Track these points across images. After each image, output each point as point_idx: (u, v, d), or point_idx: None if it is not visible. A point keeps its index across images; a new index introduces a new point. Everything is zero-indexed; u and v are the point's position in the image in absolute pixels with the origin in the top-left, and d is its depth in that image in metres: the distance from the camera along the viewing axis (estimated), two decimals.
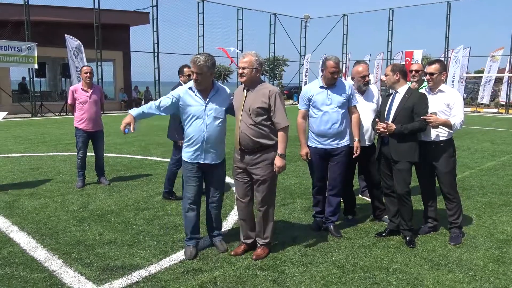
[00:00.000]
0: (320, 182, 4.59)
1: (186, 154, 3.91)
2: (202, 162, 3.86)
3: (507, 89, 24.62)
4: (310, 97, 4.41)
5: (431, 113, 4.12)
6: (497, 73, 25.50)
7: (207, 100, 3.81)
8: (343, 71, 29.76)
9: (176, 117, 5.06)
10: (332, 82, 4.36)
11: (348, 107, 4.45)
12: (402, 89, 4.26)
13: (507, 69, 25.04)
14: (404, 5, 30.78)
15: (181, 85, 4.56)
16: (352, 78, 4.83)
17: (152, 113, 3.85)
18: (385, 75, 4.34)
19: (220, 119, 3.84)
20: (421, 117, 4.08)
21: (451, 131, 4.22)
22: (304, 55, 31.97)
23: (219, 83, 4.01)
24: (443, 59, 24.90)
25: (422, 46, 28.16)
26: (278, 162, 3.70)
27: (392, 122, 4.16)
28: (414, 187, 4.44)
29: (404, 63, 21.48)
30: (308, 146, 4.47)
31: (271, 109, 3.69)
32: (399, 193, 4.23)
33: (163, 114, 3.90)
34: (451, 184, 4.30)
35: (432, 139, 4.26)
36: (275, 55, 34.04)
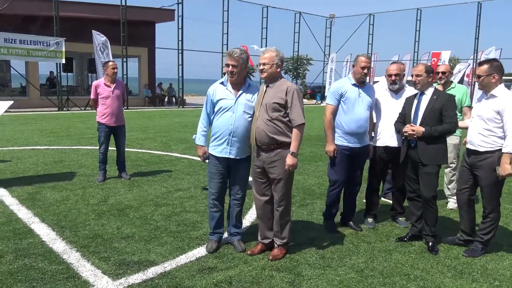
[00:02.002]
0: (342, 181, 4.52)
1: (212, 148, 3.91)
2: (228, 156, 3.85)
3: None
4: (344, 93, 4.34)
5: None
6: None
7: (239, 94, 3.81)
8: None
9: None
10: (362, 79, 4.36)
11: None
12: (428, 91, 4.13)
13: None
14: (433, 5, 30.11)
15: None
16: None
17: (209, 126, 4.00)
18: (417, 75, 4.11)
19: (249, 115, 3.83)
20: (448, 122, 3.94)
21: (502, 141, 3.79)
22: (329, 55, 31.65)
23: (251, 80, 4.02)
24: (498, 59, 24.22)
25: (450, 47, 27.54)
26: (289, 160, 3.64)
27: (420, 124, 4.04)
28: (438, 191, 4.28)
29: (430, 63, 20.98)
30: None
31: (288, 106, 3.64)
32: (426, 197, 4.10)
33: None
34: (490, 199, 3.99)
35: (476, 147, 3.95)
36: (299, 54, 33.78)
